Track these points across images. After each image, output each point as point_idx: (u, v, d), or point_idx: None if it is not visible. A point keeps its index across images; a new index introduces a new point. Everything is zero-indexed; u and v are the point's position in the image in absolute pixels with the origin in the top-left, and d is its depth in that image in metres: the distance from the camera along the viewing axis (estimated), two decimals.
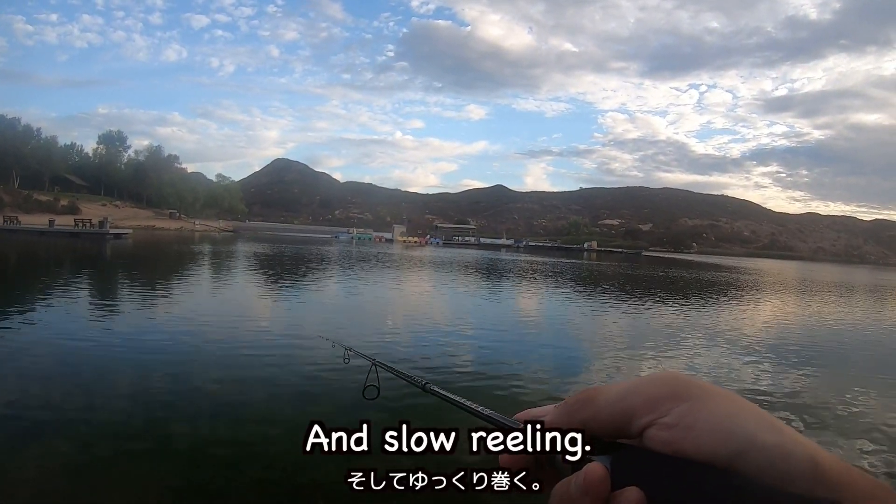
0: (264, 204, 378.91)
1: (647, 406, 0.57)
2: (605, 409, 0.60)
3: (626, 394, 0.59)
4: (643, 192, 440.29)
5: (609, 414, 0.59)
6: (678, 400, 0.55)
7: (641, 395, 0.58)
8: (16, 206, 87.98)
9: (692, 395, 0.56)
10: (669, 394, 0.56)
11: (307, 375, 10.53)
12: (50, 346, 11.81)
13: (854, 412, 10.55)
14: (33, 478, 6.21)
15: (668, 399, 0.56)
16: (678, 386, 0.57)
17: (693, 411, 0.54)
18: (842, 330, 22.85)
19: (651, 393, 0.57)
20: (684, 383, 0.57)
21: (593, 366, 13.30)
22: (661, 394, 0.57)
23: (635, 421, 0.57)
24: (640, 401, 0.57)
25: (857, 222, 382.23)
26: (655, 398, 0.57)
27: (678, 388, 0.56)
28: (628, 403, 0.58)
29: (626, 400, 0.59)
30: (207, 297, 21.79)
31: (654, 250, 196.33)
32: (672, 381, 0.58)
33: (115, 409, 8.33)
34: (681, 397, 0.55)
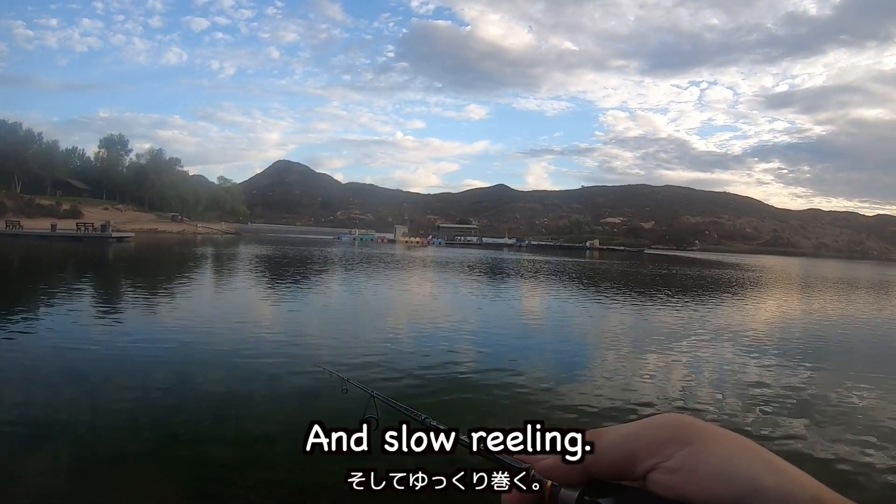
0: (266, 206, 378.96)
1: (650, 450, 0.57)
2: (608, 451, 0.60)
3: (629, 437, 0.59)
4: (645, 190, 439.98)
5: (612, 457, 0.59)
6: (681, 444, 0.56)
7: (644, 438, 0.58)
8: (18, 210, 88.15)
9: (695, 438, 0.56)
10: (672, 437, 0.57)
11: (311, 375, 10.53)
12: (54, 350, 11.83)
13: (859, 408, 10.54)
14: (38, 479, 6.22)
15: (671, 443, 0.56)
16: (681, 429, 0.57)
17: (696, 455, 0.54)
18: (846, 326, 22.82)
19: (654, 436, 0.58)
20: (687, 426, 0.58)
21: (598, 366, 13.26)
22: (664, 437, 0.57)
23: (639, 464, 0.57)
24: (643, 444, 0.58)
25: (859, 218, 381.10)
26: (658, 442, 0.57)
27: (681, 432, 0.57)
28: (631, 447, 0.58)
29: (629, 443, 0.59)
30: (210, 301, 21.82)
31: (657, 248, 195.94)
32: (675, 424, 0.58)
33: (119, 412, 8.35)
34: (684, 441, 0.56)
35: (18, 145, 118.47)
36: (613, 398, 10.27)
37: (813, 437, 8.69)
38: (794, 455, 7.87)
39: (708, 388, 11.48)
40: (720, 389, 11.32)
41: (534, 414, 9.17)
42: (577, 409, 9.51)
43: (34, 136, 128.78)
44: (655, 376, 12.20)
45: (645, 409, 9.74)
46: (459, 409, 9.38)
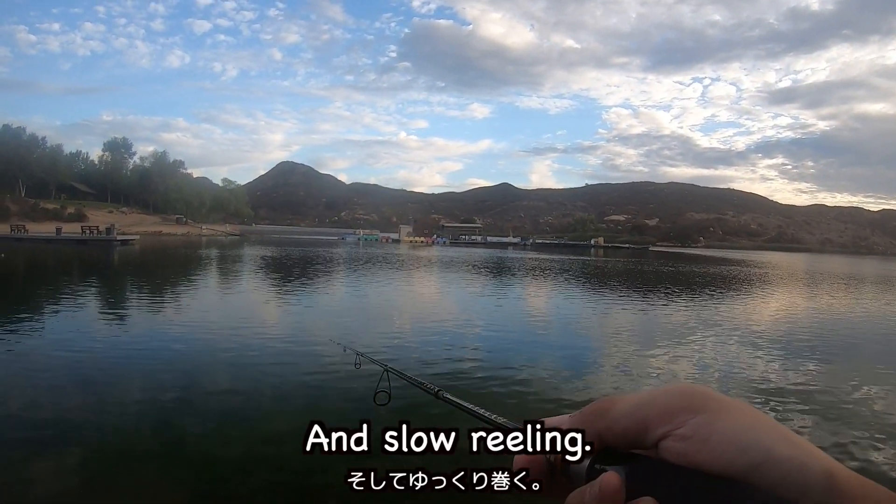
0: (270, 207, 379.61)
1: (662, 417, 0.57)
2: (620, 420, 0.60)
3: (641, 405, 0.59)
4: (649, 188, 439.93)
5: (624, 425, 0.59)
6: (694, 412, 0.55)
7: (657, 406, 0.58)
8: (23, 214, 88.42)
9: (708, 407, 0.55)
10: (685, 406, 0.56)
11: (317, 378, 10.53)
12: (61, 353, 11.84)
13: (867, 404, 10.51)
14: (46, 482, 6.22)
15: (683, 411, 0.56)
16: (694, 398, 0.57)
17: (709, 423, 0.54)
18: (852, 322, 22.77)
19: (667, 404, 0.57)
20: (700, 395, 0.57)
21: (604, 363, 13.24)
22: (676, 405, 0.56)
23: (651, 432, 0.57)
24: (655, 412, 0.57)
25: (864, 213, 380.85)
26: (671, 410, 0.56)
27: (694, 400, 0.56)
28: (644, 414, 0.58)
29: (641, 411, 0.58)
30: (216, 302, 21.84)
31: (661, 245, 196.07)
32: (688, 392, 0.58)
33: (126, 414, 8.36)
34: (696, 409, 0.55)
35: (22, 150, 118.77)
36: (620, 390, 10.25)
37: (820, 433, 8.65)
38: None
39: (714, 384, 11.44)
40: (727, 386, 11.28)
41: (539, 411, 9.13)
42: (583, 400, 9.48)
43: (38, 140, 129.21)
44: (662, 373, 12.18)
45: None
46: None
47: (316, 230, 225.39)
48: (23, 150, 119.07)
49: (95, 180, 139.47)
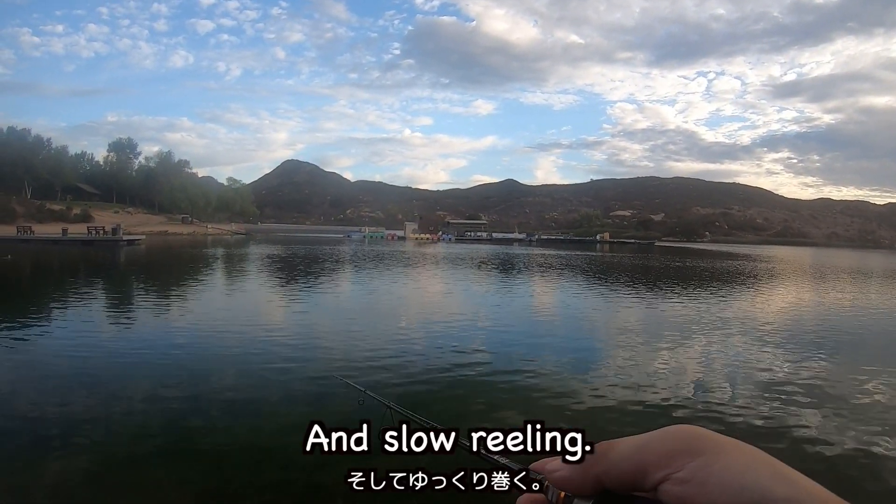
0: (276, 206, 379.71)
1: (661, 461, 0.57)
2: (619, 463, 0.60)
3: (640, 448, 0.59)
4: (654, 182, 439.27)
5: (624, 468, 0.60)
6: (692, 455, 0.56)
7: (655, 450, 0.58)
8: (29, 216, 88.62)
9: (706, 449, 0.56)
10: (683, 449, 0.57)
11: (324, 375, 10.55)
12: (68, 353, 11.88)
13: (873, 398, 10.48)
14: (54, 482, 6.25)
15: (681, 454, 0.56)
16: (692, 441, 0.57)
17: (706, 466, 0.54)
18: (859, 316, 22.68)
19: (665, 448, 0.58)
20: (698, 438, 0.58)
21: (611, 359, 13.22)
22: (674, 449, 0.57)
23: (650, 476, 0.57)
24: (653, 456, 0.58)
25: (870, 206, 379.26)
26: (669, 453, 0.57)
27: (692, 443, 0.57)
28: (642, 458, 0.58)
29: (640, 454, 0.59)
30: (222, 302, 21.87)
31: (667, 240, 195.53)
32: (686, 435, 0.58)
33: (133, 414, 8.38)
34: (694, 452, 0.56)
35: (27, 152, 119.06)
36: (626, 390, 10.25)
37: (826, 428, 8.64)
38: (807, 446, 7.84)
39: (720, 379, 11.42)
40: (732, 381, 11.26)
41: (545, 407, 9.15)
42: (591, 401, 9.49)
43: (43, 142, 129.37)
44: (668, 368, 12.16)
45: (658, 401, 9.70)
46: (470, 402, 9.38)
47: (321, 228, 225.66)
48: (28, 151, 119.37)
49: (101, 181, 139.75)
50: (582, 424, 5.67)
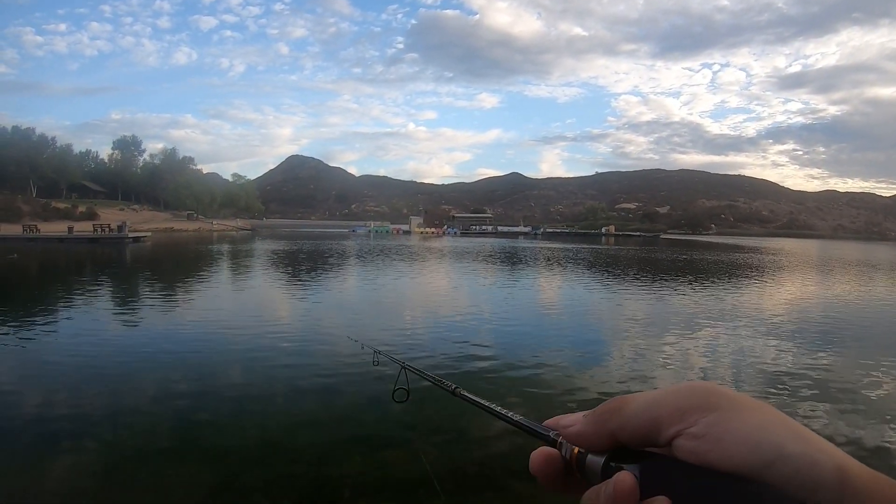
0: (281, 201, 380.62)
1: (675, 416, 0.57)
2: (633, 418, 0.60)
3: (654, 404, 0.59)
4: (659, 175, 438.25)
5: (637, 424, 0.59)
6: (706, 410, 0.55)
7: (669, 405, 0.58)
8: (34, 214, 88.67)
9: (720, 405, 0.56)
10: (697, 404, 0.56)
11: (332, 371, 10.57)
12: (75, 351, 11.90)
13: (879, 392, 10.44)
14: (62, 479, 6.26)
15: (696, 409, 0.56)
16: (706, 396, 0.57)
17: (721, 422, 0.54)
18: (865, 309, 22.62)
19: (679, 403, 0.57)
20: (713, 393, 0.57)
21: (618, 352, 13.20)
22: (689, 404, 0.57)
23: (663, 431, 0.57)
24: (668, 411, 0.57)
25: (876, 198, 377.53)
26: (683, 408, 0.57)
27: (706, 399, 0.57)
28: (656, 413, 0.58)
29: (654, 410, 0.59)
30: (228, 297, 21.91)
31: (673, 233, 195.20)
32: (700, 391, 0.58)
33: (141, 410, 8.40)
34: (709, 408, 0.56)
35: (32, 150, 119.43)
36: (633, 382, 10.26)
37: (833, 421, 8.61)
38: None
39: (728, 372, 11.42)
40: (739, 374, 11.26)
41: (552, 399, 9.15)
42: (597, 392, 9.48)
43: (48, 140, 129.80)
44: (675, 360, 12.15)
45: None
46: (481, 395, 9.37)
47: (327, 223, 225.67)
48: (33, 150, 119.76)
49: (106, 179, 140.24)
50: None
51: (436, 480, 6.21)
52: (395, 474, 6.40)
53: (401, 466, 6.42)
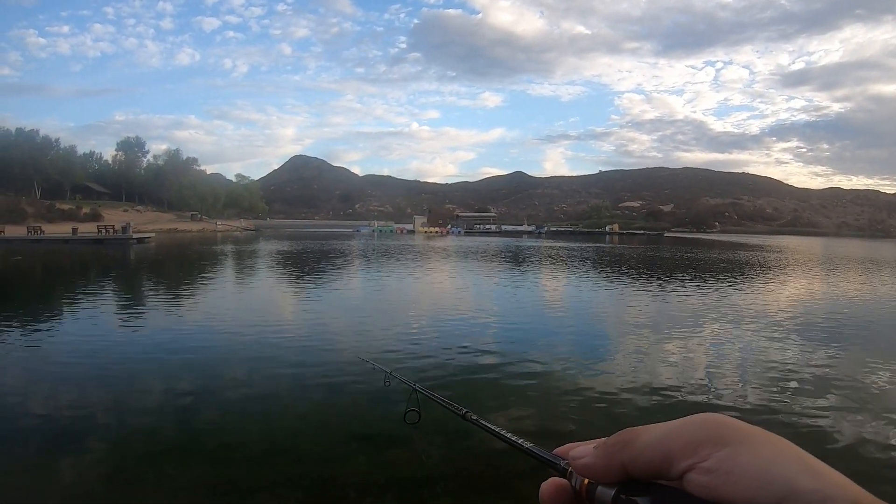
0: (284, 201, 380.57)
1: (686, 450, 0.57)
2: (644, 451, 0.60)
3: (666, 437, 0.59)
4: (663, 173, 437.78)
5: (649, 457, 0.59)
6: (718, 445, 0.55)
7: (681, 438, 0.58)
8: (39, 216, 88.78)
9: (732, 439, 0.55)
10: (709, 438, 0.56)
11: (336, 371, 10.58)
12: (80, 351, 11.94)
13: (885, 390, 10.42)
14: (69, 480, 6.28)
15: (707, 443, 0.56)
16: (718, 430, 0.57)
17: (732, 457, 0.54)
18: (871, 307, 22.59)
19: (691, 437, 0.57)
20: (724, 427, 0.57)
21: (623, 351, 13.19)
22: (700, 438, 0.57)
23: (675, 464, 0.57)
24: (680, 444, 0.57)
25: (880, 195, 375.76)
26: (695, 442, 0.56)
27: (718, 432, 0.56)
28: (668, 447, 0.58)
29: (665, 443, 0.59)
30: (233, 298, 21.91)
31: (677, 231, 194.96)
32: (712, 424, 0.58)
33: (146, 410, 8.42)
34: (720, 442, 0.55)
35: (36, 152, 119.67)
36: (639, 381, 10.23)
37: (838, 420, 8.59)
38: (819, 439, 7.80)
39: (732, 370, 11.39)
40: (744, 372, 11.24)
41: (559, 400, 9.15)
42: (604, 392, 9.47)
43: (51, 142, 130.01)
44: (680, 359, 12.14)
45: (670, 392, 9.68)
46: (487, 397, 9.38)
47: (331, 223, 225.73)
48: (37, 152, 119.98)
49: (110, 180, 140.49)
50: (595, 416, 5.72)
51: (440, 480, 6.21)
52: (399, 475, 6.40)
53: (405, 467, 6.42)
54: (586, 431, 7.87)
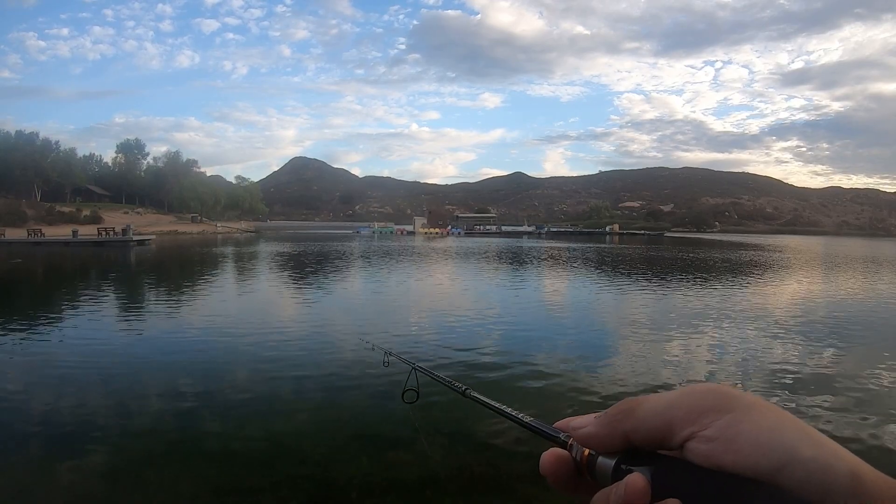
0: (285, 203, 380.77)
1: (688, 418, 0.57)
2: (646, 420, 0.60)
3: (667, 405, 0.59)
4: (663, 173, 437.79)
5: (650, 425, 0.59)
6: (719, 413, 0.55)
7: (683, 407, 0.58)
8: (39, 219, 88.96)
9: (734, 407, 0.55)
10: (711, 406, 0.56)
11: (339, 372, 10.58)
12: (81, 353, 11.94)
13: (886, 389, 10.41)
14: (70, 482, 6.27)
15: (709, 412, 0.56)
16: (720, 398, 0.57)
17: (734, 424, 0.54)
18: (872, 306, 22.56)
19: (692, 405, 0.57)
20: (726, 395, 0.57)
21: (622, 350, 13.20)
22: (702, 406, 0.57)
23: (676, 433, 0.57)
24: (681, 413, 0.57)
25: (880, 195, 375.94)
26: (697, 410, 0.57)
27: (720, 401, 0.56)
28: (669, 415, 0.58)
29: (667, 412, 0.59)
30: (233, 299, 21.91)
31: (677, 231, 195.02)
32: (714, 393, 0.58)
33: (147, 412, 8.41)
34: (722, 410, 0.55)
35: (37, 154, 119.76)
36: (638, 381, 10.23)
37: (838, 419, 8.58)
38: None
39: (733, 370, 11.39)
40: (745, 371, 11.23)
41: (557, 399, 9.15)
42: (604, 392, 9.47)
43: (52, 144, 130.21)
44: (680, 359, 12.13)
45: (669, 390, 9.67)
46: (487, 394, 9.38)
47: (331, 224, 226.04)
48: (37, 154, 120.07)
49: (110, 182, 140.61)
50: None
51: (442, 481, 6.21)
52: (402, 475, 6.39)
53: (408, 467, 6.41)
54: None
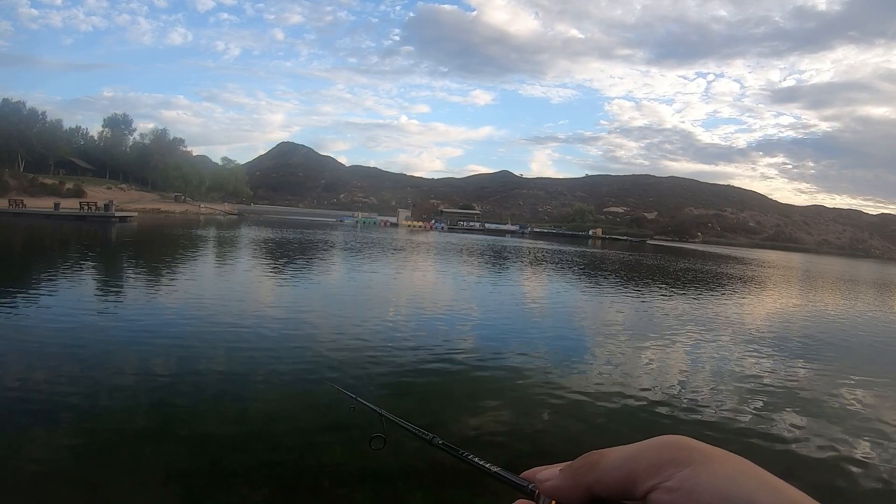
0: (269, 187, 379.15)
1: (650, 471, 0.59)
2: (609, 473, 0.62)
3: (629, 458, 0.61)
4: (649, 181, 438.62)
5: (613, 478, 0.61)
6: (680, 465, 0.57)
7: (644, 460, 0.60)
8: (21, 189, 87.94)
9: (694, 459, 0.57)
10: (671, 459, 0.58)
11: (313, 360, 10.62)
12: (55, 329, 11.87)
13: (856, 404, 10.60)
14: (39, 458, 6.27)
15: (670, 464, 0.58)
16: (680, 450, 0.59)
17: (694, 476, 0.56)
18: (846, 324, 22.86)
19: (654, 458, 0.59)
20: (686, 448, 0.59)
21: (598, 356, 13.30)
22: (663, 459, 0.58)
23: (639, 485, 0.59)
24: (643, 465, 0.59)
25: (862, 216, 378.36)
26: (658, 463, 0.58)
27: (680, 453, 0.58)
28: (632, 468, 0.60)
29: (629, 465, 0.60)
30: (211, 280, 21.86)
31: (659, 239, 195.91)
32: (674, 445, 0.60)
33: (120, 391, 8.41)
34: (683, 462, 0.57)
35: (22, 124, 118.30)
36: (612, 386, 10.34)
37: (808, 433, 8.75)
38: (788, 451, 7.95)
39: (705, 380, 11.52)
40: (717, 382, 11.37)
41: (532, 401, 9.24)
42: (577, 396, 9.57)
43: (38, 115, 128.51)
44: (654, 367, 12.25)
45: (643, 399, 9.79)
46: (457, 395, 9.46)
47: (314, 212, 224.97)
48: (22, 124, 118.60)
49: (95, 156, 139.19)
50: (567, 419, 5.84)
51: (415, 473, 6.28)
52: (374, 466, 6.45)
53: (381, 458, 6.47)
54: (558, 433, 8.00)
